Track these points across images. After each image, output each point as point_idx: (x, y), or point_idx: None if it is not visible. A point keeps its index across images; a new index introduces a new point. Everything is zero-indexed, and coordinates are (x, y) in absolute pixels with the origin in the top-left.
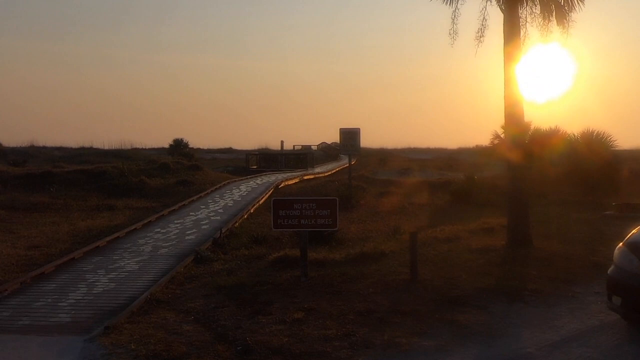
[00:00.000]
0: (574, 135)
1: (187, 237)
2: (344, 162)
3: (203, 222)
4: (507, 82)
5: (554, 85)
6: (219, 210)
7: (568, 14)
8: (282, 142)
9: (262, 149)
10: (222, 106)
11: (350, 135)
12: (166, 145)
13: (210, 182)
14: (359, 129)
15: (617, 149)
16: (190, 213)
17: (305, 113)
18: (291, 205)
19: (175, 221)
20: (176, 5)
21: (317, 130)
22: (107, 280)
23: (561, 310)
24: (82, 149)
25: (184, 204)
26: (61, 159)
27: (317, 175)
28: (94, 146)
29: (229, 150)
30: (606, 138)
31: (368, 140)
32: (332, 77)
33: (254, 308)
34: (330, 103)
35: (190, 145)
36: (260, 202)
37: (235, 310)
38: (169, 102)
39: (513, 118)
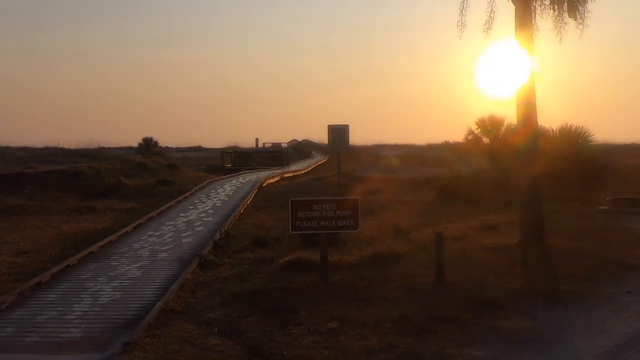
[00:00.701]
0: (552, 130)
1: (183, 240)
2: (317, 160)
3: (196, 224)
4: (522, 86)
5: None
6: (209, 211)
7: (581, 4)
8: (256, 139)
9: (233, 146)
10: (189, 104)
11: (339, 132)
12: (134, 144)
13: (190, 181)
14: (348, 125)
15: (594, 143)
16: (180, 214)
17: (274, 110)
18: (310, 206)
19: (167, 223)
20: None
21: (286, 127)
22: (111, 289)
23: (603, 313)
24: (48, 148)
25: (171, 205)
26: (27, 160)
27: (295, 173)
28: (60, 146)
29: (199, 149)
30: (584, 133)
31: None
32: (300, 74)
33: (281, 317)
34: (299, 100)
35: (160, 144)
36: (248, 202)
37: (261, 320)
38: (134, 100)
39: (526, 117)
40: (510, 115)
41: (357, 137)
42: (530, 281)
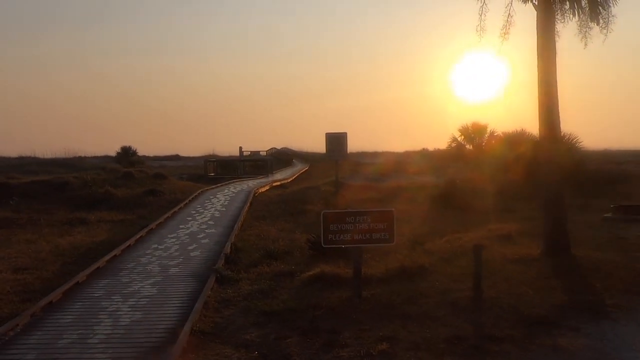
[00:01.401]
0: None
1: (192, 254)
2: (299, 168)
3: (199, 236)
4: (543, 85)
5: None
6: (209, 222)
7: (604, 8)
8: (240, 148)
9: (211, 155)
10: (164, 112)
11: (336, 140)
12: (110, 153)
13: (180, 191)
14: (346, 133)
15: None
16: (180, 226)
17: (250, 119)
18: (343, 219)
19: (169, 235)
20: (110, 8)
21: (263, 135)
22: (129, 309)
23: None
24: (22, 158)
25: (169, 217)
26: (2, 170)
27: (283, 182)
28: (35, 155)
29: (176, 158)
30: (573, 139)
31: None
32: (277, 83)
33: (323, 338)
34: (276, 108)
35: (138, 153)
36: (246, 213)
37: (302, 342)
38: (107, 109)
39: (549, 126)
40: (491, 121)
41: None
42: (570, 294)
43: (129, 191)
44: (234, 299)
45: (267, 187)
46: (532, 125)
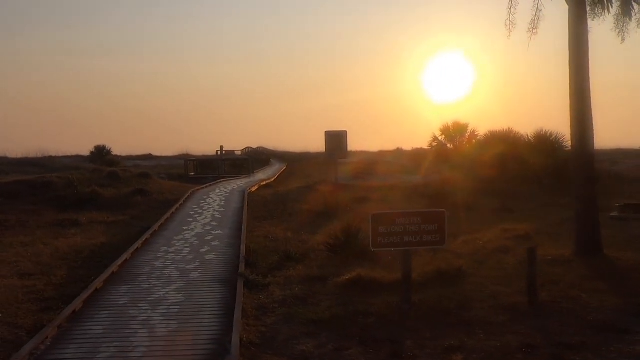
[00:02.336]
0: (527, 135)
1: (206, 257)
2: (278, 167)
3: (207, 238)
4: (576, 88)
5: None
6: (213, 224)
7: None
8: (221, 147)
9: (185, 154)
10: (135, 111)
11: (336, 139)
12: (81, 153)
13: (168, 191)
14: (346, 131)
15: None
16: (184, 227)
17: (223, 118)
18: (393, 220)
19: (175, 238)
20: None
21: (236, 134)
22: (161, 318)
23: None
24: None
25: (168, 217)
26: None
27: (267, 182)
28: (5, 155)
29: (149, 157)
30: (560, 138)
31: (286, 144)
32: (249, 82)
33: (386, 349)
34: (248, 107)
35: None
36: (246, 213)
37: (365, 353)
38: (76, 108)
39: (581, 134)
40: (462, 119)
41: (312, 145)
42: (625, 298)
43: (115, 191)
44: (269, 306)
45: (256, 187)
46: (501, 122)
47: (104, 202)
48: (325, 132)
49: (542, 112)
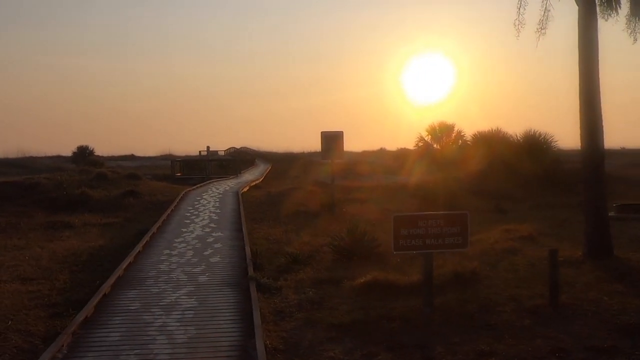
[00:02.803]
0: (517, 136)
1: (211, 260)
2: (264, 168)
3: (209, 240)
4: (586, 89)
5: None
6: (212, 225)
7: None
8: (208, 147)
9: (167, 155)
10: (116, 111)
11: (332, 140)
12: (62, 153)
13: (159, 192)
14: (342, 132)
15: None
16: (182, 229)
17: (205, 118)
18: (415, 223)
19: (176, 240)
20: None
21: (220, 135)
22: (177, 323)
23: None
24: None
25: (165, 219)
26: None
27: (256, 182)
28: None
29: (132, 157)
30: (549, 138)
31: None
32: (231, 82)
33: (415, 355)
34: (231, 107)
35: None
36: (243, 214)
37: (396, 359)
38: (58, 107)
39: (591, 137)
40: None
41: (295, 145)
42: None
43: (105, 192)
44: (286, 310)
45: (247, 188)
46: (481, 123)
47: (95, 204)
48: (322, 132)
49: (523, 113)
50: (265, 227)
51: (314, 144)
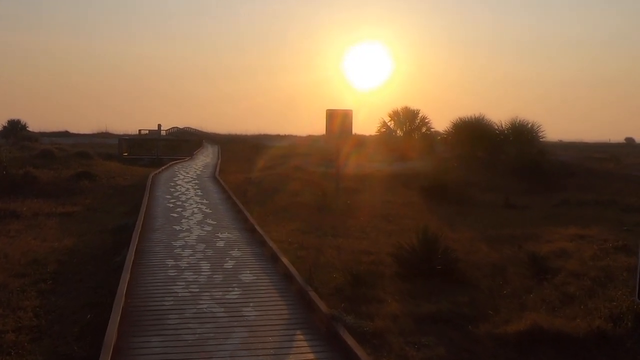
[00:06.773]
0: (501, 124)
1: (244, 279)
2: (215, 149)
3: (220, 245)
4: None
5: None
6: (209, 222)
7: None
8: (159, 125)
9: (104, 132)
10: (49, 85)
11: (339, 118)
12: None
13: (117, 174)
14: (352, 110)
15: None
16: (175, 227)
17: (142, 97)
18: None
19: (175, 244)
20: None
21: (153, 114)
22: None
23: None
24: None
25: (146, 212)
26: None
27: (219, 166)
28: None
29: (66, 134)
30: (536, 128)
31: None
32: (172, 62)
33: None
34: (169, 87)
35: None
36: (243, 207)
37: None
38: None
39: None
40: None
41: (238, 127)
42: None
43: (53, 173)
44: None
45: (217, 171)
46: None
47: (43, 187)
48: (327, 110)
49: (456, 98)
50: (271, 224)
51: (262, 126)
